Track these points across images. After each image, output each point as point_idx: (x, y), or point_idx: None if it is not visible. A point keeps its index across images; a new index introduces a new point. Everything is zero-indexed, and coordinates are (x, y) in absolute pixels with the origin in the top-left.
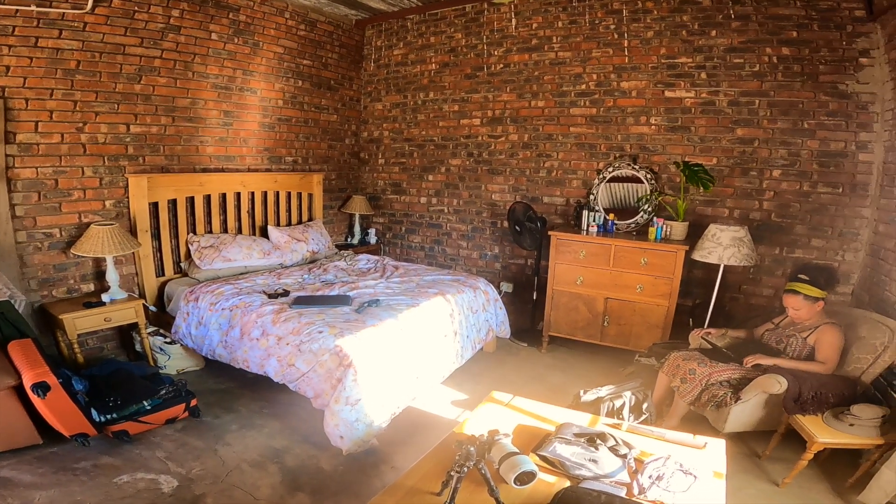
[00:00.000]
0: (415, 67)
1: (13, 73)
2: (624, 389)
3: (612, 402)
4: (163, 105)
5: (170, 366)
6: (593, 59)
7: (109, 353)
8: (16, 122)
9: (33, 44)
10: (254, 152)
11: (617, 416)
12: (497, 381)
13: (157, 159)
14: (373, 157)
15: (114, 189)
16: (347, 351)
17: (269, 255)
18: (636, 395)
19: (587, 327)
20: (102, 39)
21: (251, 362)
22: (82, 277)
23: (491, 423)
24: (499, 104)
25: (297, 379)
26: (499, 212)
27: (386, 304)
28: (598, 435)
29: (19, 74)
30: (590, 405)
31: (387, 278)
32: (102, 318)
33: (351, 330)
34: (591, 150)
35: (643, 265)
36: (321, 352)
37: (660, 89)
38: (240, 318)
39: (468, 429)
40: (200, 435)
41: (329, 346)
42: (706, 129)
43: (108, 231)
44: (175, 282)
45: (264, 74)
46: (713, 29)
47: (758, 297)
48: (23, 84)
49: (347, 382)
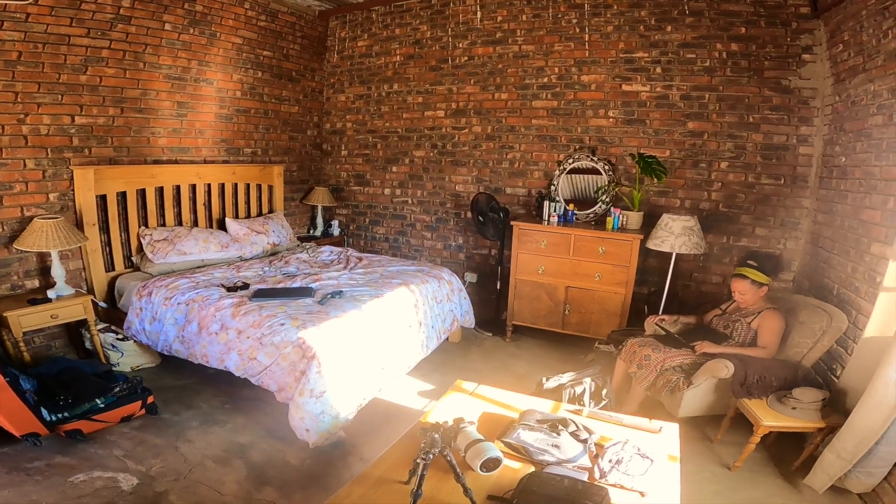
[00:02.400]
0: (379, 59)
1: None
2: (584, 376)
3: (573, 388)
4: (111, 96)
5: (123, 363)
6: (555, 52)
7: (58, 352)
8: None
9: None
10: (210, 144)
11: (578, 402)
12: (463, 370)
13: (105, 151)
14: (335, 149)
15: (58, 182)
16: (311, 343)
17: (228, 247)
18: (596, 381)
19: (549, 316)
20: (46, 30)
21: (210, 357)
22: (26, 273)
23: (456, 412)
24: (463, 96)
25: (260, 373)
26: (463, 203)
27: (349, 296)
28: (560, 421)
29: None
30: (552, 392)
31: (350, 269)
32: (49, 315)
33: (314, 322)
34: (552, 142)
35: (601, 254)
36: (283, 344)
37: (618, 83)
38: (197, 313)
39: (433, 417)
40: (159, 432)
41: (291, 338)
42: (660, 122)
43: (52, 225)
44: (126, 276)
45: (221, 65)
46: (668, 24)
47: (707, 285)
48: None
49: (311, 375)
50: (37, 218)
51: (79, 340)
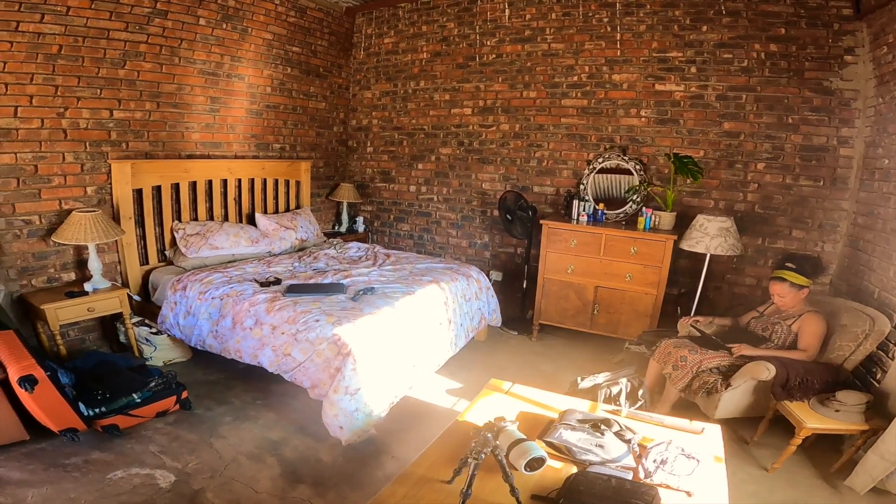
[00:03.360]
0: (405, 56)
1: None
2: (620, 376)
3: (608, 388)
4: (147, 90)
5: (156, 357)
6: (586, 51)
7: (92, 345)
8: None
9: (14, 28)
10: (241, 139)
11: (614, 402)
12: (490, 369)
13: (141, 145)
14: (361, 146)
15: (96, 175)
16: (346, 339)
17: (258, 242)
18: (632, 381)
19: (577, 315)
20: (86, 24)
21: (244, 352)
22: (63, 266)
23: (493, 411)
24: (490, 94)
25: (293, 369)
26: (489, 201)
27: (381, 292)
28: (603, 421)
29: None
30: (587, 392)
31: (379, 266)
32: (85, 308)
33: (348, 318)
34: (581, 141)
35: (633, 254)
36: (318, 341)
37: (650, 82)
38: (231, 307)
39: (471, 416)
40: (193, 428)
41: (327, 334)
42: (694, 122)
43: (90, 218)
44: (160, 270)
45: (252, 61)
46: (704, 24)
47: (740, 287)
48: (2, 69)
49: (346, 372)
50: (75, 211)
51: (113, 334)
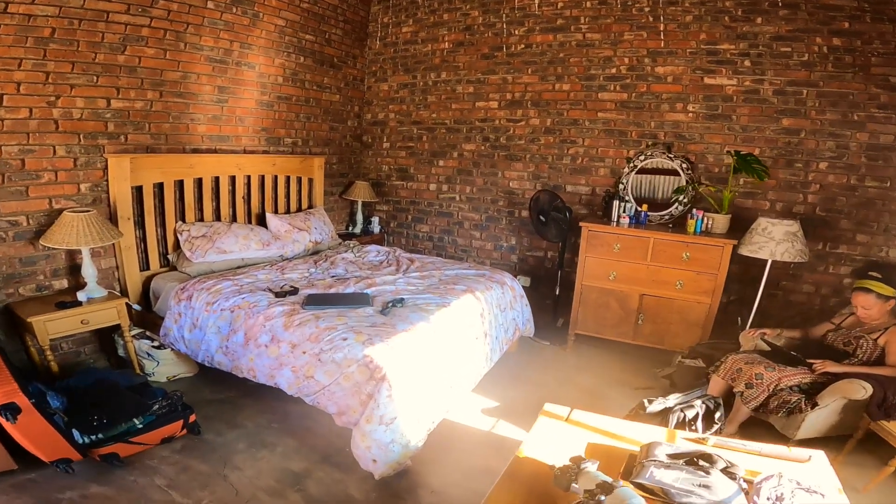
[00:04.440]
0: (425, 46)
1: None
2: (692, 398)
3: (682, 412)
4: (149, 78)
5: (159, 372)
6: (625, 41)
7: (88, 359)
8: None
9: (2, 10)
10: (250, 132)
11: (688, 427)
12: (526, 385)
13: (142, 138)
14: (376, 141)
15: (90, 171)
16: (379, 362)
17: (269, 245)
18: (706, 403)
19: (618, 325)
20: (83, 5)
21: (259, 372)
22: (54, 272)
23: (554, 443)
24: (519, 86)
25: (316, 392)
26: (517, 200)
27: (412, 304)
28: (701, 455)
29: None
30: (654, 417)
31: (404, 273)
32: (79, 321)
33: (380, 336)
34: (620, 137)
35: (685, 260)
36: (346, 362)
37: (698, 76)
38: (244, 321)
39: (532, 450)
40: (204, 457)
41: (356, 355)
42: (749, 118)
43: (84, 219)
44: (162, 277)
45: (264, 48)
46: (758, 16)
47: (797, 294)
48: None
49: (381, 399)
50: (67, 211)
51: (111, 347)
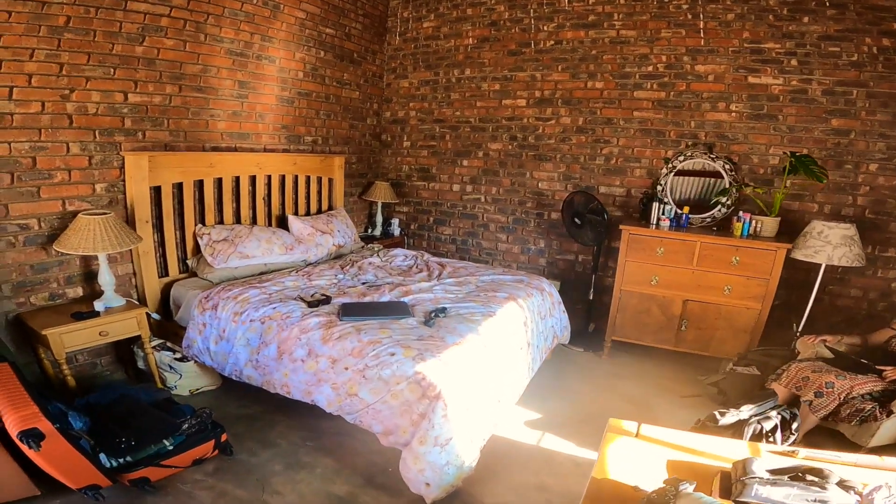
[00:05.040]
0: (448, 42)
1: None
2: (766, 408)
3: (759, 424)
4: (168, 71)
5: (181, 385)
6: (662, 39)
7: (104, 371)
8: None
9: None
10: (270, 130)
11: (766, 439)
12: (567, 394)
13: (160, 135)
14: (396, 140)
15: (106, 170)
16: (433, 380)
17: (292, 250)
18: (782, 413)
19: (660, 331)
20: None
21: (293, 388)
22: (67, 280)
23: (630, 461)
24: (548, 84)
25: (359, 411)
26: (546, 202)
27: (456, 314)
28: (809, 470)
29: None
30: (727, 429)
31: (439, 279)
32: (97, 333)
33: (430, 351)
34: (658, 137)
35: (734, 265)
36: (395, 380)
37: (742, 74)
38: (276, 333)
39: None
40: (239, 479)
41: (407, 372)
42: (796, 118)
43: (101, 222)
44: (182, 284)
45: (284, 42)
46: (805, 15)
47: (845, 299)
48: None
49: (436, 419)
50: (82, 214)
51: (129, 358)
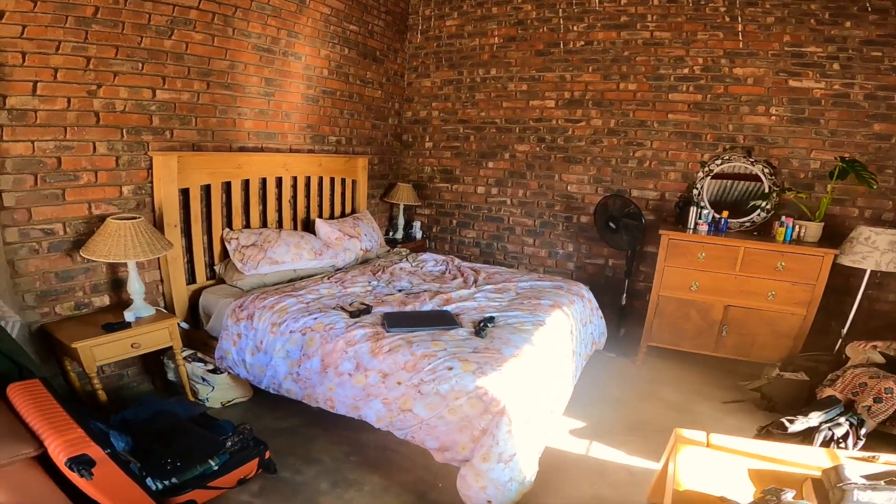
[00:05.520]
0: (472, 41)
1: (9, 20)
2: (834, 415)
3: (829, 430)
4: (196, 67)
5: (213, 398)
6: (698, 41)
7: (131, 382)
8: (7, 81)
9: None
10: (296, 129)
11: (836, 446)
12: (607, 401)
13: (188, 134)
14: (418, 140)
15: (134, 171)
16: (496, 394)
17: (321, 255)
18: (849, 419)
19: (698, 337)
20: None
21: (339, 403)
22: (94, 288)
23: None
24: (579, 85)
25: (412, 427)
26: (575, 205)
27: (505, 323)
28: None
29: (17, 21)
30: (796, 436)
31: (476, 286)
32: (129, 345)
33: (490, 364)
34: (693, 140)
35: (779, 270)
36: (454, 395)
37: (782, 78)
38: (319, 346)
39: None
40: (288, 501)
41: (467, 387)
42: (838, 122)
43: (131, 227)
44: (212, 292)
45: (310, 38)
46: (847, 20)
47: (882, 304)
48: (20, 34)
49: (500, 435)
50: (111, 218)
51: (156, 369)
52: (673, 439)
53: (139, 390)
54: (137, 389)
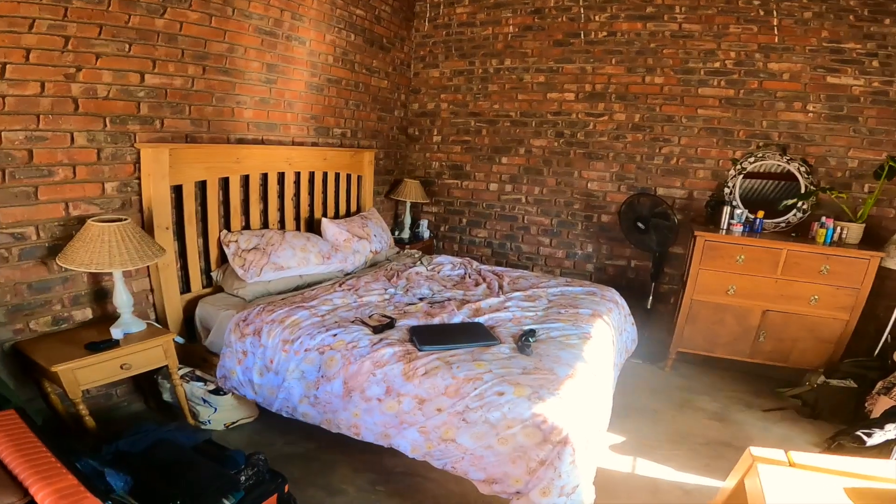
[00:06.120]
0: (485, 29)
1: None
2: None
3: None
4: (192, 49)
5: (215, 420)
6: (730, 35)
7: (121, 402)
8: None
9: None
10: (299, 120)
11: None
12: (641, 412)
13: (181, 123)
14: (425, 134)
15: (118, 165)
16: (557, 422)
17: (329, 259)
18: None
19: (734, 342)
20: None
21: (366, 430)
22: (74, 300)
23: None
24: (601, 77)
25: (455, 457)
26: (596, 203)
27: (546, 337)
28: None
29: None
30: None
31: (503, 293)
32: (118, 366)
33: (545, 387)
34: (725, 137)
35: (823, 274)
36: (506, 423)
37: (820, 74)
38: (342, 367)
39: None
40: None
41: (522, 415)
42: (877, 120)
43: (117, 231)
44: (209, 301)
45: (315, 21)
46: (886, 17)
47: None
48: None
49: (563, 467)
50: (92, 220)
51: (151, 388)
52: (748, 458)
53: (130, 411)
54: (128, 410)
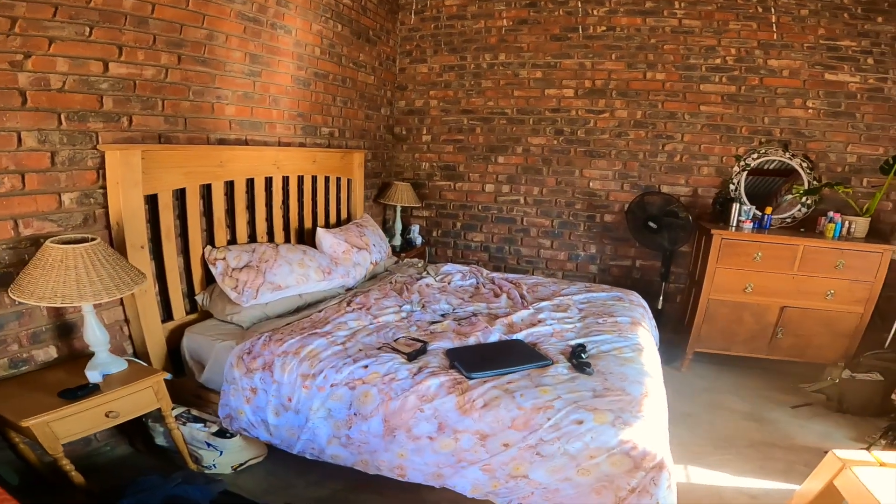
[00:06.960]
0: (477, 22)
1: None
2: None
3: None
4: (165, 35)
5: (221, 463)
6: (731, 31)
7: (103, 447)
8: None
9: None
10: (286, 118)
11: None
12: (673, 415)
13: (153, 121)
14: (413, 134)
15: (77, 171)
16: (649, 448)
17: (330, 274)
18: None
19: (751, 340)
20: None
21: (413, 471)
22: (33, 338)
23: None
24: (601, 73)
25: (524, 493)
26: (599, 203)
27: (597, 351)
28: None
29: None
30: None
31: (528, 304)
32: (102, 414)
33: (627, 410)
34: (728, 133)
35: (839, 268)
36: (589, 454)
37: (819, 71)
38: (381, 403)
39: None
40: None
41: (608, 443)
42: (874, 116)
43: (84, 255)
44: (198, 331)
45: (302, 8)
46: (879, 15)
47: None
48: None
49: (660, 493)
50: (50, 242)
51: (137, 429)
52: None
53: (114, 456)
54: (111, 455)
